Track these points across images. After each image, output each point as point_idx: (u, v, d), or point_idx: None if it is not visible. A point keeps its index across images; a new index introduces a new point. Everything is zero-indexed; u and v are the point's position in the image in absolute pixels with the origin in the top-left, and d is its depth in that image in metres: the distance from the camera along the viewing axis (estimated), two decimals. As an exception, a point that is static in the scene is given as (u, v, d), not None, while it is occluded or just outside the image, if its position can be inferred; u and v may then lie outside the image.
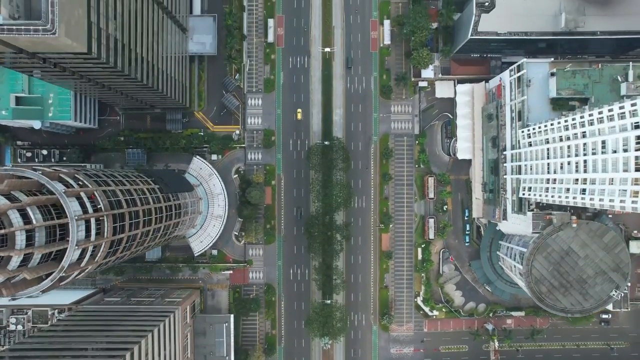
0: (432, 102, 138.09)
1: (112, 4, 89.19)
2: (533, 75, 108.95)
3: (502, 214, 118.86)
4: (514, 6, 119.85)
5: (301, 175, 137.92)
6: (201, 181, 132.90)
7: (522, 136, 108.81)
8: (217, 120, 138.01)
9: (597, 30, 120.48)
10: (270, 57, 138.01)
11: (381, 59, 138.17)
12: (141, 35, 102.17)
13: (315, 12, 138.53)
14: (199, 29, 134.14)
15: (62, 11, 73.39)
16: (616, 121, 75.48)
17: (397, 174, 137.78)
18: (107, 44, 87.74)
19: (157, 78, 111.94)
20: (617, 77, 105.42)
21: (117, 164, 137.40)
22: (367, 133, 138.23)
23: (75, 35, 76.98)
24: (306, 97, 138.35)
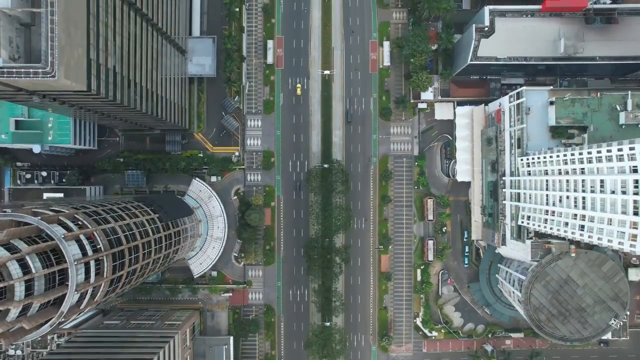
0: (431, 123, 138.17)
1: (112, 38, 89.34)
2: (532, 103, 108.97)
3: (501, 239, 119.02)
4: (513, 31, 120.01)
5: (300, 196, 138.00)
6: (201, 203, 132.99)
7: (521, 164, 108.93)
8: (216, 142, 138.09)
9: (596, 55, 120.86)
10: (269, 79, 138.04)
11: (381, 80, 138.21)
12: (140, 64, 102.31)
13: (315, 33, 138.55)
14: (198, 50, 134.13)
15: (62, 53, 73.49)
16: (614, 162, 75.64)
17: (397, 195, 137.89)
18: (107, 78, 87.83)
19: (156, 105, 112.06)
20: (616, 106, 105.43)
21: (116, 185, 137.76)
22: (366, 154, 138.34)
23: (74, 76, 77.07)
24: (305, 119, 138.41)
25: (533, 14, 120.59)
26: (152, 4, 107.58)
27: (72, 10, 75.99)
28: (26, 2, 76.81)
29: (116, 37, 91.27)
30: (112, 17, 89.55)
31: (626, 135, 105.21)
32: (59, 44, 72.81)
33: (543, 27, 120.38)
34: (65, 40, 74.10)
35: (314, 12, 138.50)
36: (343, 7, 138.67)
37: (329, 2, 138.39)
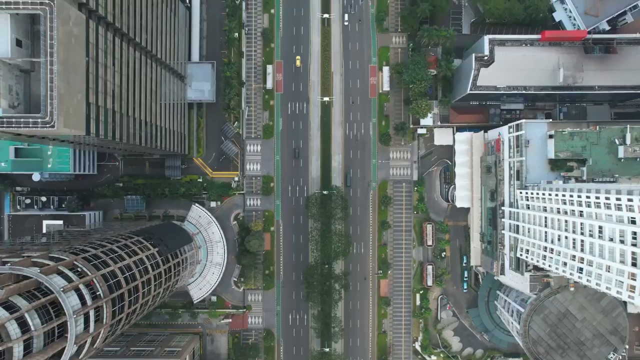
0: (430, 148, 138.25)
1: (111, 78, 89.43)
2: (531, 135, 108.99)
3: (500, 268, 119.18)
4: (512, 61, 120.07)
5: (300, 221, 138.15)
6: (200, 229, 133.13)
7: (520, 197, 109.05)
8: (215, 167, 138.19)
9: (595, 84, 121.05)
10: (269, 103, 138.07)
11: (380, 105, 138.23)
12: (139, 99, 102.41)
13: (314, 58, 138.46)
14: (198, 76, 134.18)
15: (61, 102, 73.59)
16: (613, 210, 75.79)
17: (396, 220, 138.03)
18: (106, 119, 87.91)
19: (155, 137, 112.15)
20: (614, 140, 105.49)
21: (115, 210, 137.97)
22: (365, 179, 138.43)
23: (74, 123, 77.13)
24: (305, 143, 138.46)
25: (532, 43, 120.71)
26: (152, 36, 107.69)
27: (71, 58, 76.04)
28: (26, 50, 76.85)
29: (115, 76, 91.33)
30: (112, 56, 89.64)
31: (625, 169, 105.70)
32: (58, 93, 72.87)
33: (542, 56, 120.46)
34: (64, 89, 74.15)
35: (313, 37, 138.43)
36: (342, 32, 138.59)
37: (328, 27, 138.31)
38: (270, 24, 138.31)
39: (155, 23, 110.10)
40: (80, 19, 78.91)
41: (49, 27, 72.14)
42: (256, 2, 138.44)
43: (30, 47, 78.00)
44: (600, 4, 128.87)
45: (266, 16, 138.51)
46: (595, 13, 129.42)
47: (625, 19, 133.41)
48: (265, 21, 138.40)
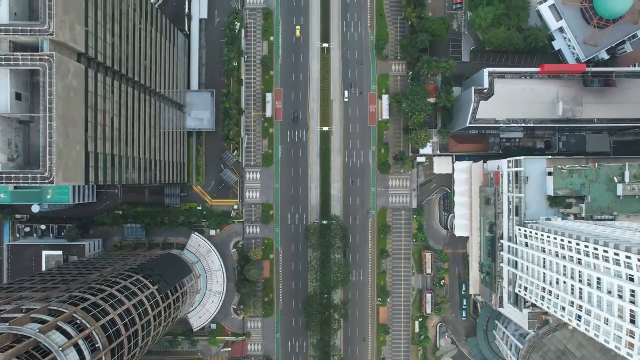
0: (430, 176, 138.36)
1: (109, 123, 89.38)
2: (530, 171, 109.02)
3: (499, 301, 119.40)
4: (512, 93, 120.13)
5: (299, 248, 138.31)
6: (200, 257, 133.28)
7: (519, 233, 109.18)
8: (215, 194, 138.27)
9: (594, 117, 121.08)
10: (268, 131, 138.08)
11: (379, 132, 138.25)
12: (139, 137, 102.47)
13: (314, 85, 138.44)
14: (197, 104, 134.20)
15: (60, 156, 73.67)
16: (611, 264, 75.91)
17: (395, 247, 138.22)
18: (105, 165, 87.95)
19: (154, 172, 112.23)
20: (613, 178, 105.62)
21: (115, 237, 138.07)
22: (365, 207, 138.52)
23: (72, 175, 77.22)
24: (304, 171, 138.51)
25: (532, 75, 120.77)
26: (150, 71, 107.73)
27: (70, 111, 76.08)
28: (25, 102, 76.88)
29: (114, 119, 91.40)
30: (110, 100, 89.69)
31: (624, 206, 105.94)
32: (57, 148, 72.93)
33: (542, 89, 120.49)
34: (63, 143, 74.21)
35: (312, 65, 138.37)
36: (342, 59, 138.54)
37: (327, 54, 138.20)
38: (269, 52, 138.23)
39: (154, 58, 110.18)
40: (79, 69, 78.92)
41: (48, 83, 72.17)
42: (255, 30, 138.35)
43: (29, 98, 78.08)
44: (599, 34, 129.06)
45: (265, 43, 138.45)
46: (595, 43, 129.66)
47: (624, 47, 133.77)
48: (265, 49, 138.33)
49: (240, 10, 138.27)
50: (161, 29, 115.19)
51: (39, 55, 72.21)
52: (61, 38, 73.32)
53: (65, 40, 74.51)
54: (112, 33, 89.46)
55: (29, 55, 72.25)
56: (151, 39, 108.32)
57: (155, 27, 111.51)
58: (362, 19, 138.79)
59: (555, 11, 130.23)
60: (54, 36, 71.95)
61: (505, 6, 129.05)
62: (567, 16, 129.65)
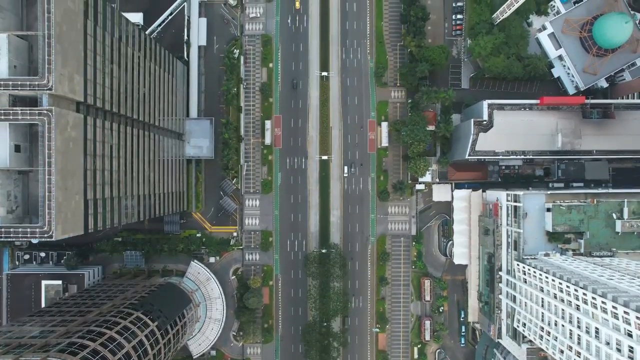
0: (429, 203, 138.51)
1: (109, 167, 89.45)
2: (529, 207, 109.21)
3: (497, 332, 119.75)
4: (511, 125, 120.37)
5: (298, 275, 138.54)
6: (199, 285, 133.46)
7: (517, 269, 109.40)
8: (214, 221, 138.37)
9: (593, 149, 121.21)
10: (267, 158, 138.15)
11: (379, 159, 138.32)
12: (138, 176, 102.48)
13: (313, 112, 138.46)
14: (196, 132, 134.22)
15: (59, 210, 73.75)
16: (609, 316, 76.15)
17: (394, 274, 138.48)
18: (104, 210, 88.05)
19: (154, 206, 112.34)
20: (612, 214, 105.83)
21: (115, 264, 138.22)
22: (364, 234, 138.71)
23: (72, 227, 77.30)
24: (304, 198, 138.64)
25: (531, 107, 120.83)
26: (149, 106, 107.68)
27: (69, 163, 76.14)
28: (24, 153, 76.91)
29: (113, 162, 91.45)
30: (109, 144, 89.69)
31: (623, 242, 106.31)
32: (56, 202, 73.01)
33: (541, 120, 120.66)
34: (62, 196, 74.27)
35: (312, 91, 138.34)
36: (341, 86, 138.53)
37: (327, 81, 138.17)
38: (268, 79, 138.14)
39: (153, 92, 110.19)
40: (78, 119, 78.97)
41: (47, 137, 72.21)
42: (254, 57, 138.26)
43: (28, 148, 78.15)
44: (598, 63, 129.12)
45: (264, 70, 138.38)
46: (594, 71, 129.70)
47: (623, 76, 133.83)
48: (264, 75, 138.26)
49: (239, 37, 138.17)
50: (160, 61, 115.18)
51: (38, 110, 72.27)
52: (60, 92, 73.35)
53: (64, 93, 74.54)
54: (110, 76, 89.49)
55: (28, 110, 72.29)
56: (150, 73, 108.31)
57: (154, 60, 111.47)
58: (362, 45, 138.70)
59: (555, 40, 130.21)
60: (53, 91, 71.90)
61: (504, 35, 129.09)
62: (566, 45, 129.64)
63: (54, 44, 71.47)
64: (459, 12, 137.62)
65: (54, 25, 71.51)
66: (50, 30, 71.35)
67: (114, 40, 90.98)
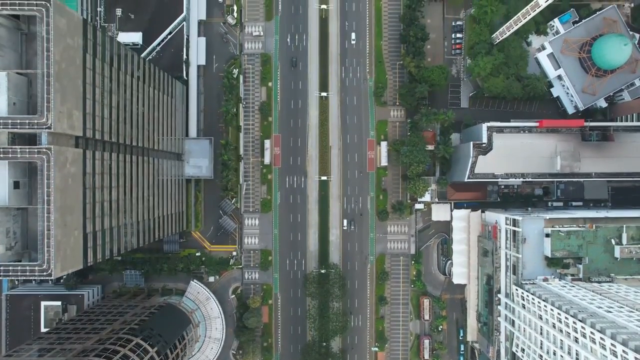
0: (428, 222, 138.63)
1: (108, 198, 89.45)
2: (528, 231, 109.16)
3: (496, 354, 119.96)
4: (510, 148, 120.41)
5: (298, 294, 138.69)
6: (199, 305, 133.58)
7: (516, 294, 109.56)
8: (214, 240, 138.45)
9: (592, 171, 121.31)
10: (267, 177, 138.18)
11: (378, 179, 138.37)
12: (137, 202, 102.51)
13: (312, 131, 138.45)
14: (195, 152, 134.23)
15: (58, 248, 73.81)
16: (608, 353, 76.29)
17: (393, 293, 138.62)
18: (103, 241, 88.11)
19: (154, 230, 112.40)
20: (611, 240, 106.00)
21: (114, 283, 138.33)
22: (363, 253, 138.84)
23: (71, 263, 77.38)
24: (303, 217, 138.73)
25: (530, 130, 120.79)
26: (148, 132, 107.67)
27: (68, 200, 76.18)
28: (23, 189, 76.94)
29: (112, 192, 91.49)
30: (108, 175, 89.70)
31: (622, 268, 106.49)
32: (55, 240, 73.09)
33: (540, 143, 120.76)
34: (61, 234, 74.34)
35: (311, 110, 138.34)
36: (340, 105, 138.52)
37: (326, 100, 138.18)
38: (268, 98, 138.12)
39: (152, 117, 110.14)
40: (77, 155, 79.00)
41: (46, 175, 72.25)
42: (254, 76, 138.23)
43: (27, 184, 78.16)
44: (597, 83, 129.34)
45: (264, 89, 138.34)
46: (593, 92, 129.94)
47: (622, 95, 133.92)
48: (263, 95, 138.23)
49: (238, 55, 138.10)
50: (158, 84, 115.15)
51: (37, 148, 72.28)
52: (59, 130, 73.39)
53: (63, 130, 74.57)
54: (109, 106, 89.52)
55: (27, 149, 72.31)
56: (149, 98, 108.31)
57: (153, 84, 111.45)
58: (361, 64, 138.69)
59: (554, 60, 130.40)
60: (52, 129, 71.91)
61: (504, 55, 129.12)
62: (566, 65, 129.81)
63: (53, 82, 71.50)
64: (458, 31, 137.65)
65: (53, 64, 71.54)
66: (50, 69, 71.37)
67: (113, 70, 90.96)
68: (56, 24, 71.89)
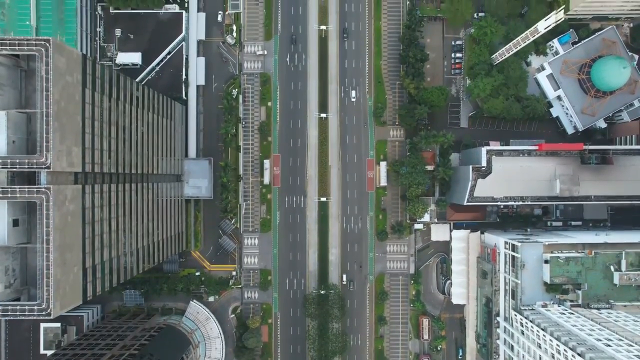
0: (427, 242, 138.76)
1: (107, 230, 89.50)
2: (527, 257, 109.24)
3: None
4: (510, 171, 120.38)
5: (297, 314, 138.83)
6: (198, 325, 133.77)
7: (515, 319, 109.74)
8: (213, 260, 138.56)
9: (591, 194, 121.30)
10: (266, 197, 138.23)
11: (377, 199, 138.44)
12: (137, 230, 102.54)
13: (312, 151, 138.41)
14: (195, 172, 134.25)
15: (57, 287, 73.88)
16: (606, 390, 76.64)
17: (392, 312, 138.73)
18: (102, 274, 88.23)
19: (153, 254, 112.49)
20: (610, 266, 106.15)
21: (114, 302, 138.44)
22: (363, 272, 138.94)
23: (70, 300, 77.45)
24: (302, 237, 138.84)
25: (530, 153, 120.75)
26: (148, 158, 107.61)
27: (67, 238, 76.23)
28: (22, 226, 76.97)
29: (111, 223, 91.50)
30: (107, 207, 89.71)
31: (621, 294, 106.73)
32: (55, 279, 73.13)
33: (540, 166, 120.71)
34: (60, 272, 74.39)
35: (310, 130, 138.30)
36: (340, 125, 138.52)
37: (325, 120, 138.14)
38: (267, 117, 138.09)
39: (152, 143, 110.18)
40: (77, 191, 79.01)
41: (45, 215, 72.23)
42: (253, 95, 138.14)
43: (26, 220, 78.20)
44: (596, 104, 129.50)
45: (263, 109, 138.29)
46: (592, 113, 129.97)
47: (621, 115, 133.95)
48: (263, 114, 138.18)
49: (237, 75, 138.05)
50: (158, 108, 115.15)
51: (37, 188, 72.30)
52: (59, 168, 73.38)
53: (63, 168, 74.59)
54: (109, 137, 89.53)
55: (26, 188, 72.37)
56: (148, 123, 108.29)
57: (152, 109, 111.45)
58: (361, 84, 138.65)
59: (553, 80, 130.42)
60: (52, 169, 71.93)
61: (504, 76, 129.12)
62: (565, 86, 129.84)
63: (52, 122, 71.51)
64: (458, 50, 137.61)
65: (53, 104, 71.55)
66: (49, 109, 71.40)
67: (112, 101, 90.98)
68: (56, 63, 71.86)
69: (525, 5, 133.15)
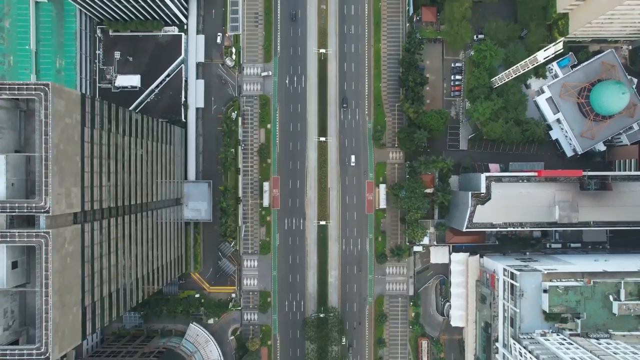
0: (426, 264, 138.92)
1: (107, 265, 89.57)
2: (526, 285, 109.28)
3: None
4: (509, 197, 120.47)
5: (297, 335, 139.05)
6: (198, 347, 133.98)
7: (514, 348, 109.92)
8: (213, 282, 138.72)
9: (590, 220, 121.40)
10: (266, 219, 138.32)
11: (377, 221, 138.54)
12: (136, 260, 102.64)
13: (311, 174, 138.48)
14: (194, 195, 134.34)
15: (57, 330, 73.99)
16: None
17: (392, 334, 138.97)
18: (102, 310, 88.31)
19: (153, 281, 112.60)
20: (609, 295, 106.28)
21: (114, 325, 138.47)
22: (362, 294, 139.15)
23: (69, 342, 77.58)
24: (302, 259, 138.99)
25: (529, 179, 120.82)
26: (148, 187, 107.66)
27: (66, 280, 76.31)
28: (21, 267, 77.08)
29: (111, 257, 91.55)
30: (107, 243, 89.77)
31: (620, 323, 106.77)
32: (54, 323, 73.25)
33: (539, 192, 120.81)
34: (60, 315, 74.49)
35: (310, 153, 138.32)
36: (339, 147, 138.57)
37: (325, 142, 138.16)
38: (266, 140, 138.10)
39: (151, 171, 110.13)
40: (76, 232, 79.08)
41: (44, 259, 72.28)
42: (252, 118, 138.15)
43: (25, 261, 78.30)
44: (595, 128, 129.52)
45: (262, 131, 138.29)
46: (591, 136, 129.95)
47: (620, 138, 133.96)
48: (262, 137, 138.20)
49: (237, 97, 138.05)
50: (157, 136, 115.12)
51: (35, 232, 72.34)
52: (58, 212, 73.44)
53: (62, 211, 74.65)
54: (107, 173, 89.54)
55: (25, 232, 72.44)
56: (148, 152, 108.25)
57: (151, 137, 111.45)
58: (360, 106, 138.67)
59: (553, 104, 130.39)
60: (51, 213, 72.00)
61: (503, 100, 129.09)
62: (564, 109, 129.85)
63: (52, 166, 71.54)
64: (457, 72, 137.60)
65: (52, 147, 71.57)
66: (48, 153, 71.39)
67: (111, 135, 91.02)
68: (55, 107, 71.89)
69: (524, 28, 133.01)
